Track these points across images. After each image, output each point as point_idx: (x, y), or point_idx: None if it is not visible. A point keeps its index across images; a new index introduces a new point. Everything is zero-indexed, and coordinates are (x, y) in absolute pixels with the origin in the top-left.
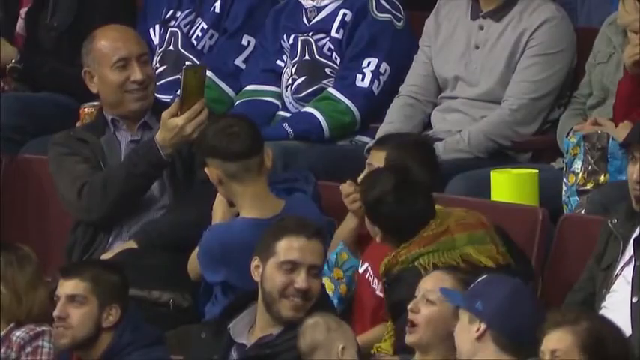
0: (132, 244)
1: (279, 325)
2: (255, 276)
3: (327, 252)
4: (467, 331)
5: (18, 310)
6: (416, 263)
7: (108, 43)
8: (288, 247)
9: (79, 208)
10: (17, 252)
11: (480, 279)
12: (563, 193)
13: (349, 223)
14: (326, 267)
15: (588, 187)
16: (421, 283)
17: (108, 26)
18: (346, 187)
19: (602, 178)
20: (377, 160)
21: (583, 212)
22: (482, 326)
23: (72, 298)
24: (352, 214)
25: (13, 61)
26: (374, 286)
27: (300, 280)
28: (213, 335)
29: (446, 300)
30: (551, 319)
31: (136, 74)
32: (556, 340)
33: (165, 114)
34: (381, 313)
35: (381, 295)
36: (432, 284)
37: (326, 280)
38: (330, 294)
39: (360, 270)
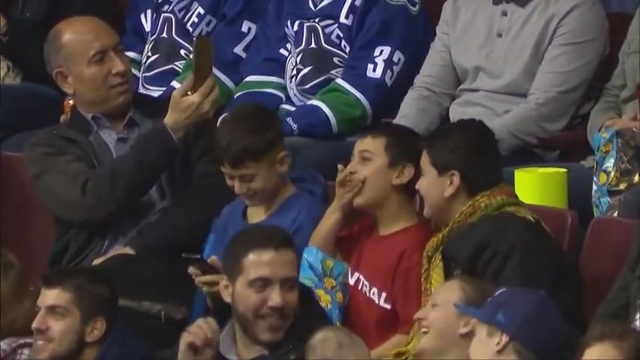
0: (128, 251)
1: (261, 347)
2: (226, 297)
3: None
4: (485, 345)
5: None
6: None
7: (78, 37)
8: (256, 262)
9: (84, 207)
10: (1, 259)
11: (500, 292)
12: (593, 193)
13: (332, 218)
14: (316, 279)
15: (621, 187)
16: (434, 292)
17: (71, 19)
18: (344, 172)
19: (636, 178)
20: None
21: (615, 215)
22: (505, 338)
23: (53, 310)
24: (336, 207)
25: None
26: (372, 296)
27: (275, 296)
28: None
29: (451, 304)
30: (595, 332)
31: (118, 66)
32: (599, 354)
33: (177, 93)
34: (393, 324)
35: (386, 306)
36: (439, 291)
37: (319, 293)
38: (328, 306)
39: (351, 281)
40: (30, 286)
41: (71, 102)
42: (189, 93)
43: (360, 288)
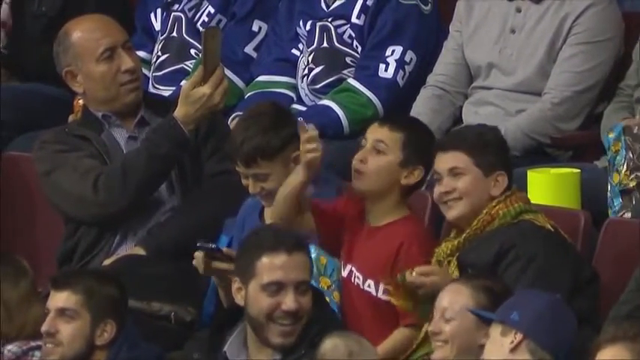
0: (138, 251)
1: (273, 350)
2: (239, 300)
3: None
4: (499, 344)
5: (8, 328)
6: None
7: (87, 35)
8: (269, 266)
9: (97, 204)
10: (14, 265)
11: (515, 295)
12: (608, 194)
13: (296, 178)
14: (312, 280)
15: (632, 184)
16: (437, 300)
17: (80, 18)
18: (312, 130)
19: None
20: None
21: (628, 215)
22: (518, 336)
23: (62, 312)
24: (303, 166)
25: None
26: (367, 289)
27: (289, 301)
28: (207, 356)
29: (466, 313)
30: (608, 333)
31: (127, 63)
32: (611, 356)
33: (187, 85)
34: (390, 316)
35: (384, 297)
36: (448, 301)
37: None
38: None
39: (344, 274)
40: (37, 287)
41: (81, 102)
42: (200, 85)
43: (352, 280)
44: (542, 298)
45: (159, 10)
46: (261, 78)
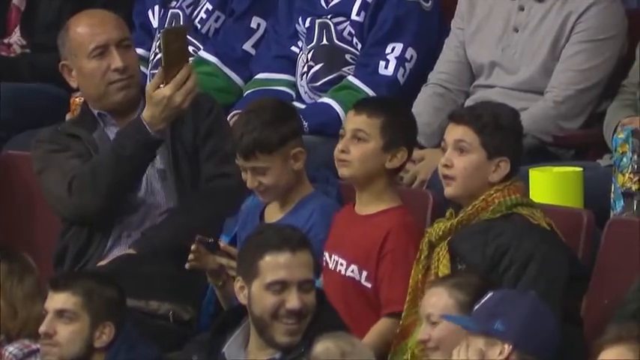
0: (131, 253)
1: (276, 350)
2: (242, 299)
3: None
4: (484, 356)
5: (11, 324)
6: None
7: (83, 31)
8: (273, 265)
9: (71, 205)
10: (20, 261)
11: (487, 298)
12: (612, 195)
13: None
14: None
15: (634, 188)
16: (421, 309)
17: (83, 12)
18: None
19: None
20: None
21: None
22: (507, 347)
23: (61, 314)
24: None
25: None
26: (351, 274)
27: (293, 300)
28: (207, 358)
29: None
30: (611, 334)
31: (116, 62)
32: (615, 356)
33: (149, 87)
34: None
35: (367, 284)
36: (430, 305)
37: None
38: None
39: (330, 266)
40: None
41: (78, 100)
42: (161, 86)
43: (335, 268)
44: (522, 301)
45: (156, 7)
46: (260, 76)
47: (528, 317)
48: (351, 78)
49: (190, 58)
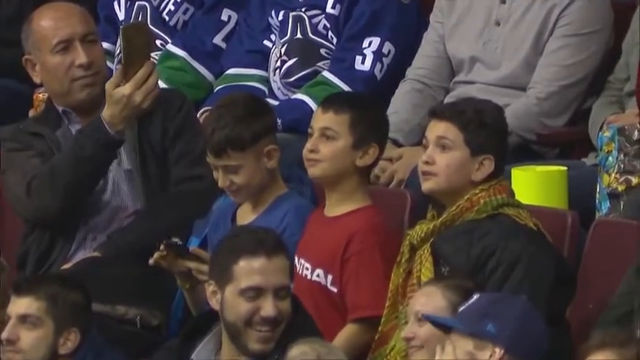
0: (96, 256)
1: (248, 357)
2: (214, 304)
3: None
4: (473, 358)
5: None
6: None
7: (46, 24)
8: (247, 270)
9: (31, 207)
10: None
11: (475, 299)
12: (597, 196)
13: None
14: None
15: (619, 189)
16: (410, 305)
17: (47, 5)
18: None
19: (635, 180)
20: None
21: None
22: (499, 351)
23: (24, 319)
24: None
25: None
26: (317, 278)
27: (268, 307)
28: None
29: (439, 314)
30: (596, 339)
31: (80, 57)
32: None
33: (108, 85)
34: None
35: (333, 289)
36: (420, 304)
37: None
38: None
39: (297, 270)
40: None
41: (41, 96)
42: (122, 84)
43: (301, 273)
44: (514, 304)
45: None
46: (231, 71)
47: (520, 320)
48: (326, 73)
49: (158, 52)
